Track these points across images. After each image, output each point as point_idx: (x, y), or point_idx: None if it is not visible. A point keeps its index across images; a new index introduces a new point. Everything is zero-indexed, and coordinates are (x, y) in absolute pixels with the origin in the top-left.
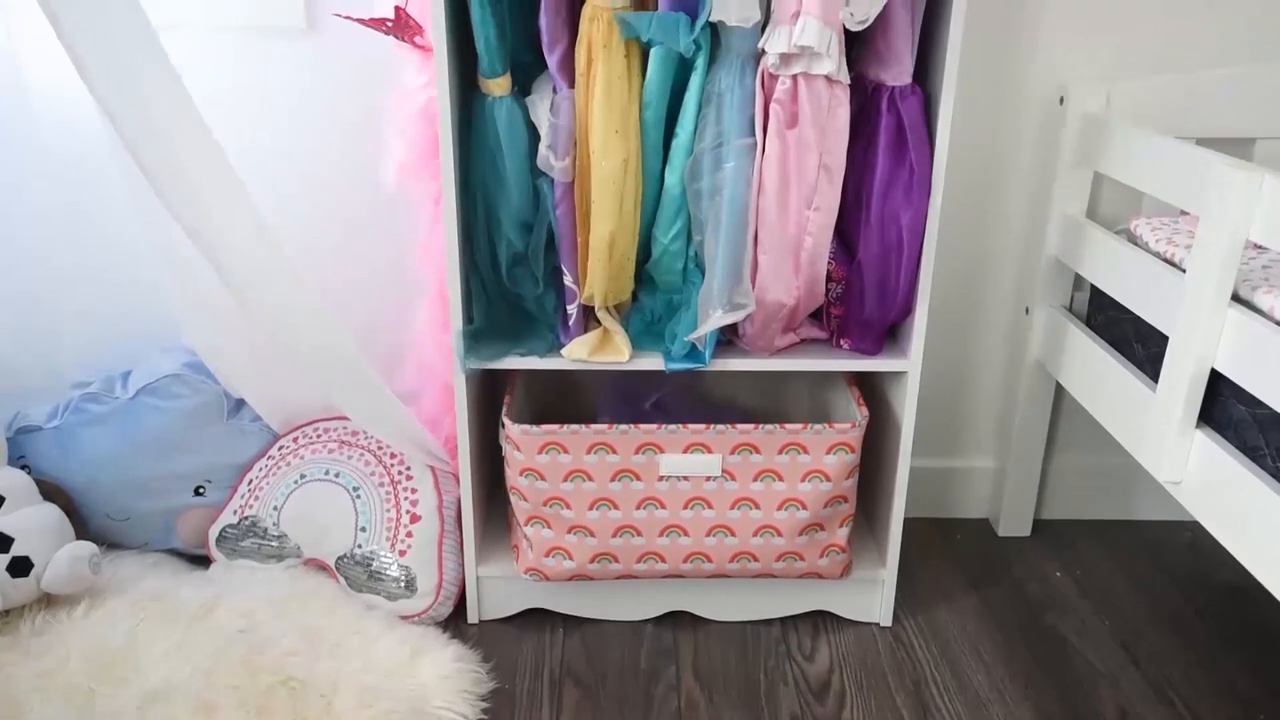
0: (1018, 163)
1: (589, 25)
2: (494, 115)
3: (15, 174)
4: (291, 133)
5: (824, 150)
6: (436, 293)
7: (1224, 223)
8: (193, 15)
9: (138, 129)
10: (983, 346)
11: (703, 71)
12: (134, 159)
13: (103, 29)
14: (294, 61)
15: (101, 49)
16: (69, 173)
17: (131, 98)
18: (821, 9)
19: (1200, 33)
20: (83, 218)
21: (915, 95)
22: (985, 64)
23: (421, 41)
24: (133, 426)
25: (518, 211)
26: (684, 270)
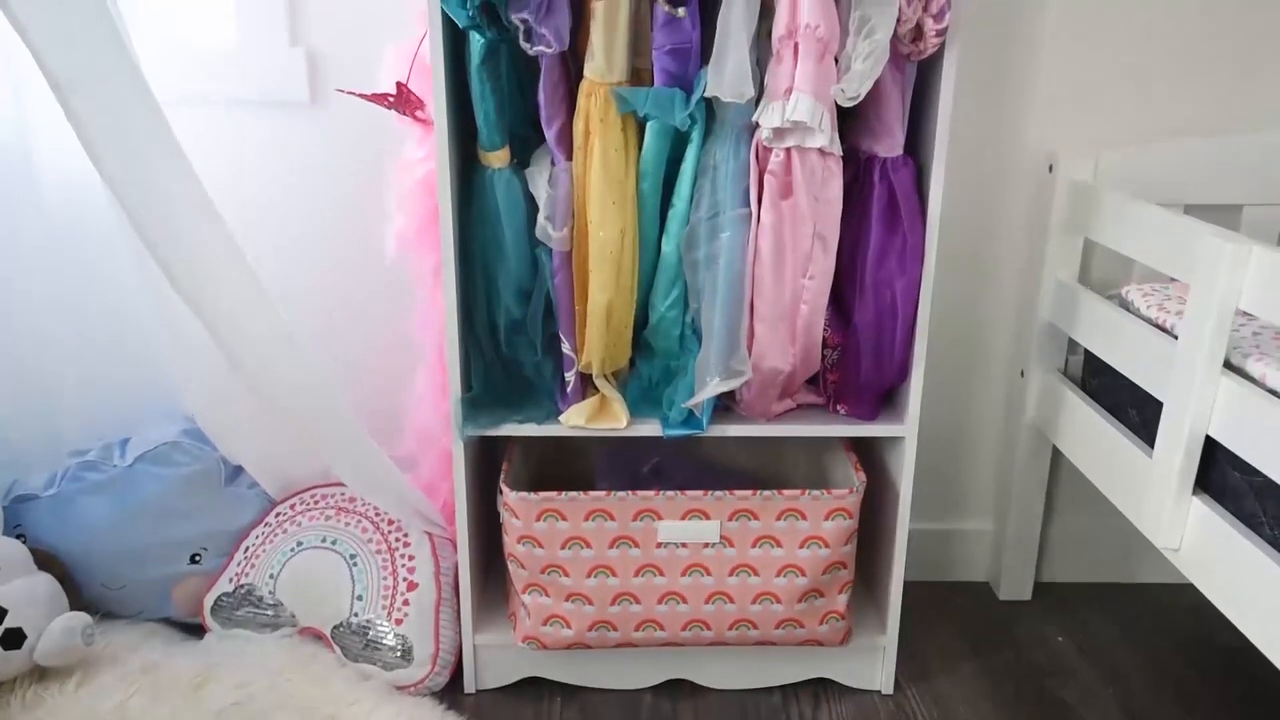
0: (1009, 229)
1: (586, 100)
2: (493, 187)
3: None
4: (293, 202)
5: (818, 220)
6: (435, 360)
7: (1213, 292)
8: (198, 90)
9: (142, 202)
10: (979, 409)
11: (698, 143)
12: (137, 231)
13: (110, 106)
14: (297, 134)
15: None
16: (72, 242)
17: (137, 172)
18: (814, 85)
19: (1187, 102)
20: (83, 286)
21: (907, 166)
22: (975, 133)
23: (423, 115)
24: (130, 494)
25: (516, 280)
26: (681, 337)
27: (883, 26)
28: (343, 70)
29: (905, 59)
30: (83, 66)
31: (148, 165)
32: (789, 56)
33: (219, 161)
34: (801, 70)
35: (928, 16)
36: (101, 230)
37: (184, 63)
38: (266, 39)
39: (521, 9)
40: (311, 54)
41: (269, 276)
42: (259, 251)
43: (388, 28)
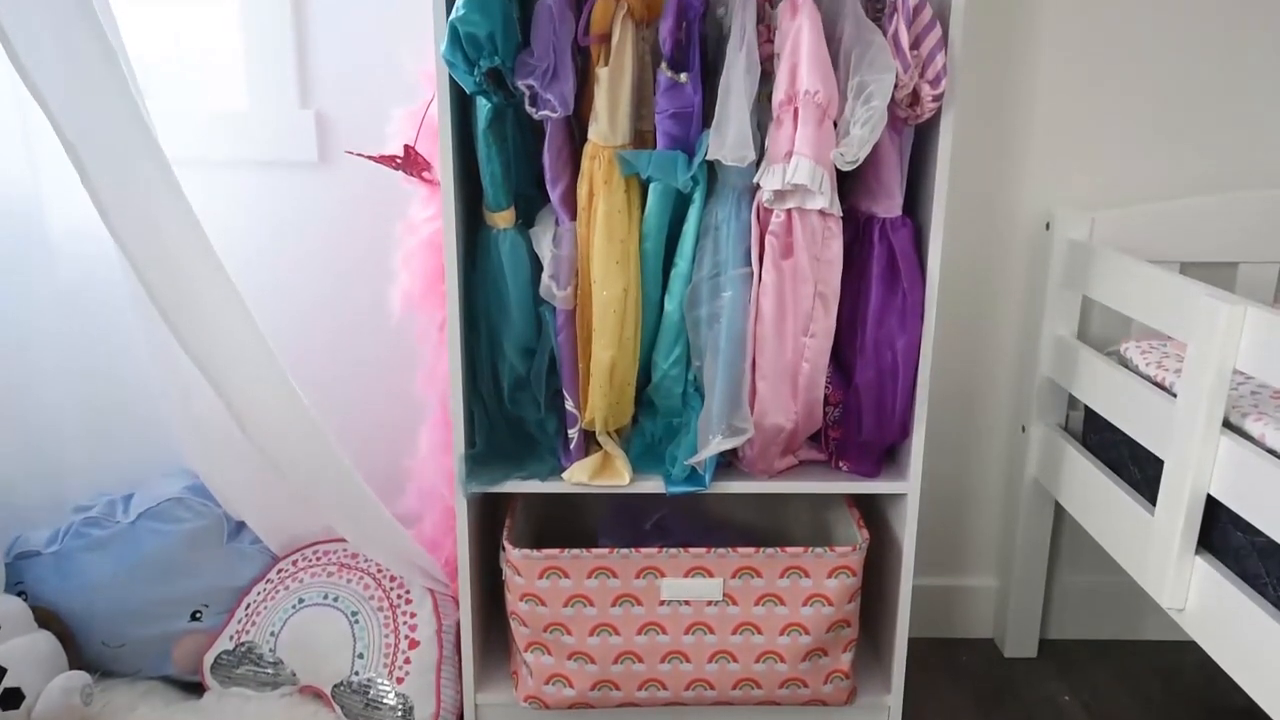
0: (1008, 285)
1: (590, 162)
2: (498, 247)
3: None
4: (301, 261)
5: (819, 280)
6: (439, 416)
7: (1211, 352)
8: (209, 151)
9: (151, 262)
10: (981, 465)
11: (700, 204)
12: (146, 290)
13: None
14: (305, 193)
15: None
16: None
17: (146, 232)
18: (813, 149)
19: (1182, 161)
20: (90, 343)
21: (906, 226)
22: (973, 191)
23: (429, 176)
24: (133, 551)
25: (520, 338)
26: (684, 394)
27: (880, 93)
28: (351, 131)
29: (903, 122)
30: (96, 129)
31: (157, 225)
32: (789, 121)
33: (228, 220)
34: (801, 134)
35: (924, 82)
36: (110, 288)
37: (196, 124)
38: (277, 101)
39: (528, 75)
40: (321, 115)
41: (275, 334)
42: (266, 309)
43: (396, 90)
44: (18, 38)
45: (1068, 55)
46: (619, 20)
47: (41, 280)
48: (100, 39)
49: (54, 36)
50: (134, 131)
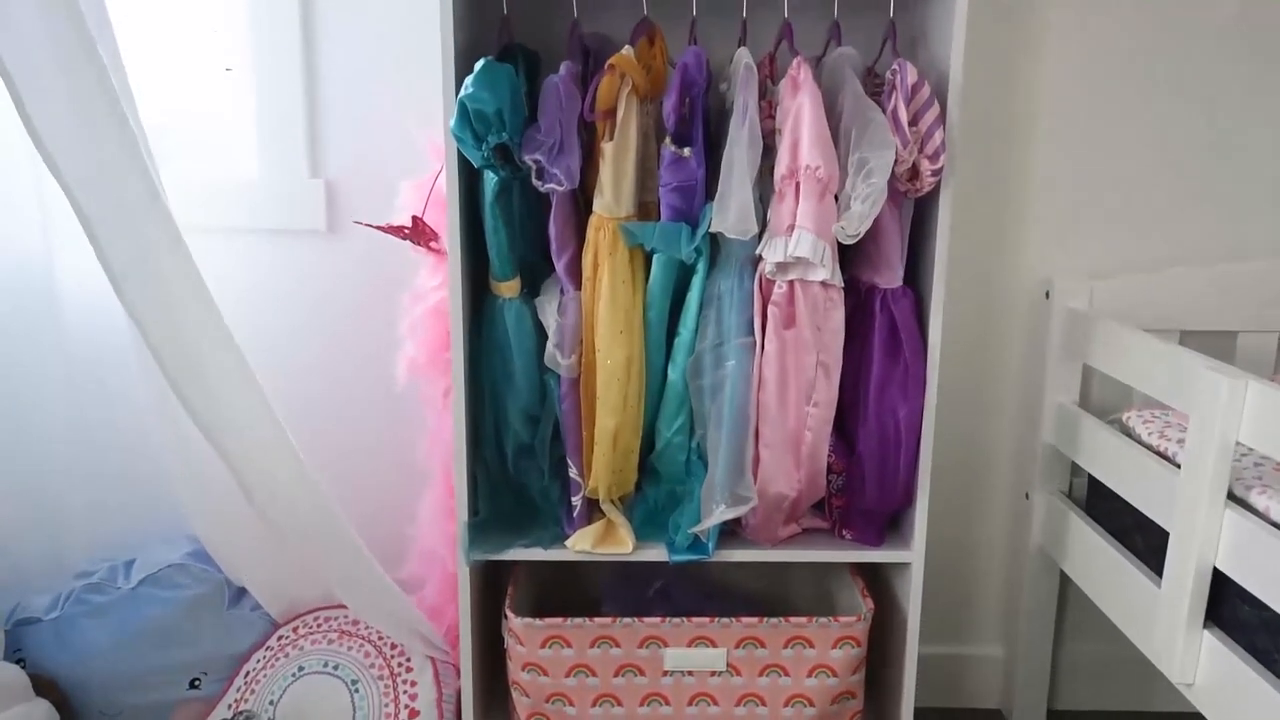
0: (1009, 353)
1: (595, 234)
2: (504, 315)
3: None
4: (307, 328)
5: (821, 349)
6: (443, 483)
7: (1213, 425)
8: (219, 219)
9: (160, 330)
10: (985, 533)
11: (703, 274)
12: (154, 357)
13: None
14: (313, 261)
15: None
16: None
17: (156, 301)
18: (815, 223)
19: (1180, 231)
20: (96, 407)
21: (907, 297)
22: (973, 261)
23: (437, 246)
24: (133, 617)
25: (525, 405)
26: (687, 462)
27: (880, 169)
28: (360, 200)
29: (903, 195)
30: (112, 205)
31: (169, 297)
32: (791, 194)
33: (237, 288)
34: (803, 208)
35: (924, 158)
36: (118, 353)
37: (207, 192)
38: (287, 170)
39: (534, 150)
40: (330, 185)
41: (281, 400)
42: (272, 375)
43: (405, 161)
44: (39, 117)
45: (1065, 126)
46: (624, 96)
47: (50, 344)
48: (118, 117)
49: (74, 115)
50: (149, 206)
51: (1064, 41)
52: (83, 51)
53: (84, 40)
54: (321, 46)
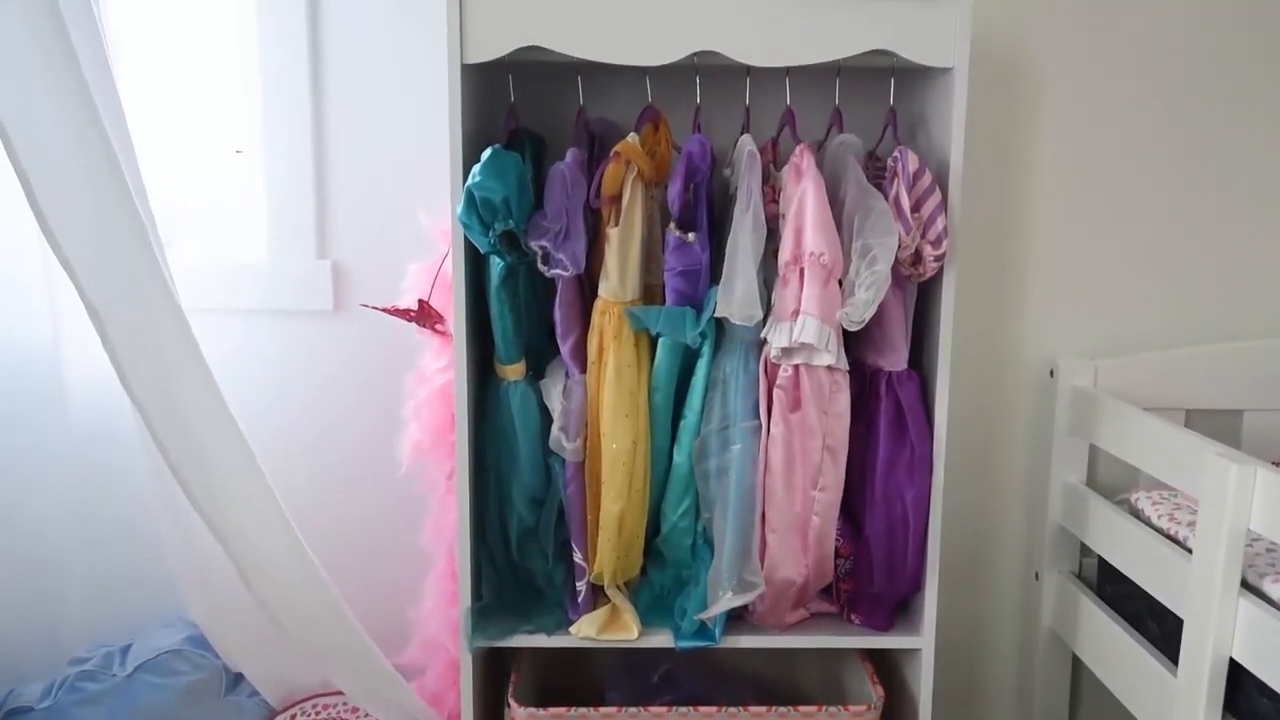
0: (1015, 432)
1: (601, 317)
2: (509, 398)
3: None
4: (312, 407)
5: (827, 433)
6: (446, 567)
7: (1223, 512)
8: (227, 300)
9: (164, 418)
10: (995, 615)
11: (709, 357)
12: (158, 445)
13: (142, 326)
14: (319, 341)
15: (139, 343)
16: (91, 446)
17: (162, 389)
18: (820, 309)
19: (1184, 310)
20: (98, 491)
21: (912, 380)
22: (977, 340)
23: (442, 328)
24: (128, 706)
25: (529, 489)
26: (693, 546)
27: (884, 256)
28: (367, 281)
29: (906, 279)
30: (120, 297)
31: (173, 385)
32: (795, 280)
33: (242, 367)
34: (808, 294)
35: (926, 243)
36: (121, 437)
37: (216, 274)
38: (295, 251)
39: (540, 236)
40: (337, 266)
41: (283, 481)
42: (275, 456)
43: (412, 243)
44: (51, 210)
45: (1066, 206)
46: (629, 182)
47: (53, 426)
48: (129, 209)
49: (85, 204)
50: (157, 297)
51: (1063, 123)
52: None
53: (100, 134)
54: (331, 129)
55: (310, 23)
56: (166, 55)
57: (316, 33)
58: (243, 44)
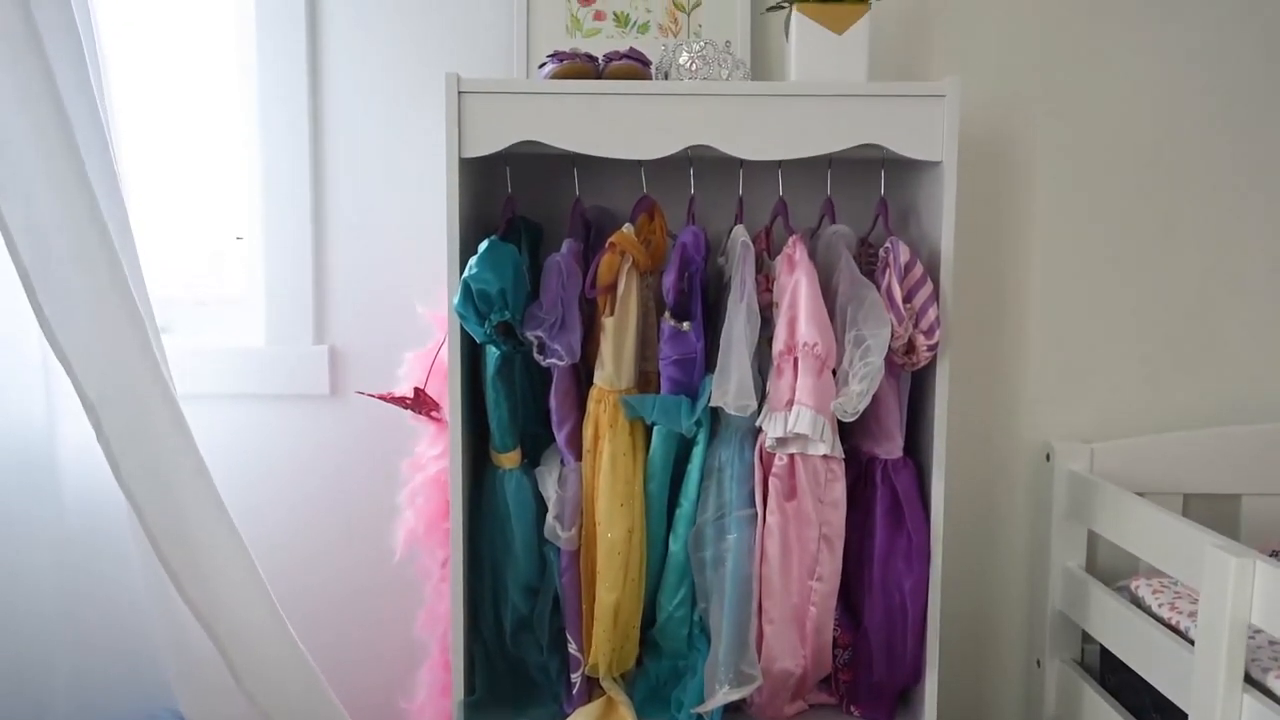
0: (1013, 517)
1: (596, 406)
2: (504, 486)
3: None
4: (306, 491)
5: (823, 522)
6: (439, 657)
7: (1224, 605)
8: (224, 386)
9: (157, 511)
10: (997, 702)
11: (704, 445)
12: (149, 537)
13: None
14: (314, 426)
15: (134, 438)
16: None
17: (156, 485)
18: (814, 399)
19: (1179, 394)
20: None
21: (908, 467)
22: (972, 424)
23: (438, 415)
24: None
25: (524, 578)
26: (689, 636)
27: (877, 348)
28: (363, 365)
29: (900, 368)
30: (115, 386)
31: (167, 478)
32: (789, 370)
33: (237, 451)
34: (802, 384)
35: (919, 333)
36: (112, 524)
37: (214, 358)
38: (293, 336)
39: (536, 327)
40: (334, 351)
41: (275, 568)
42: (268, 543)
43: (408, 329)
44: (51, 306)
45: (1057, 290)
46: (624, 272)
47: (44, 513)
48: (128, 302)
49: (87, 302)
50: (153, 391)
51: (1053, 209)
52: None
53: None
54: (331, 216)
55: (312, 111)
56: (169, 141)
57: (318, 121)
58: (246, 130)
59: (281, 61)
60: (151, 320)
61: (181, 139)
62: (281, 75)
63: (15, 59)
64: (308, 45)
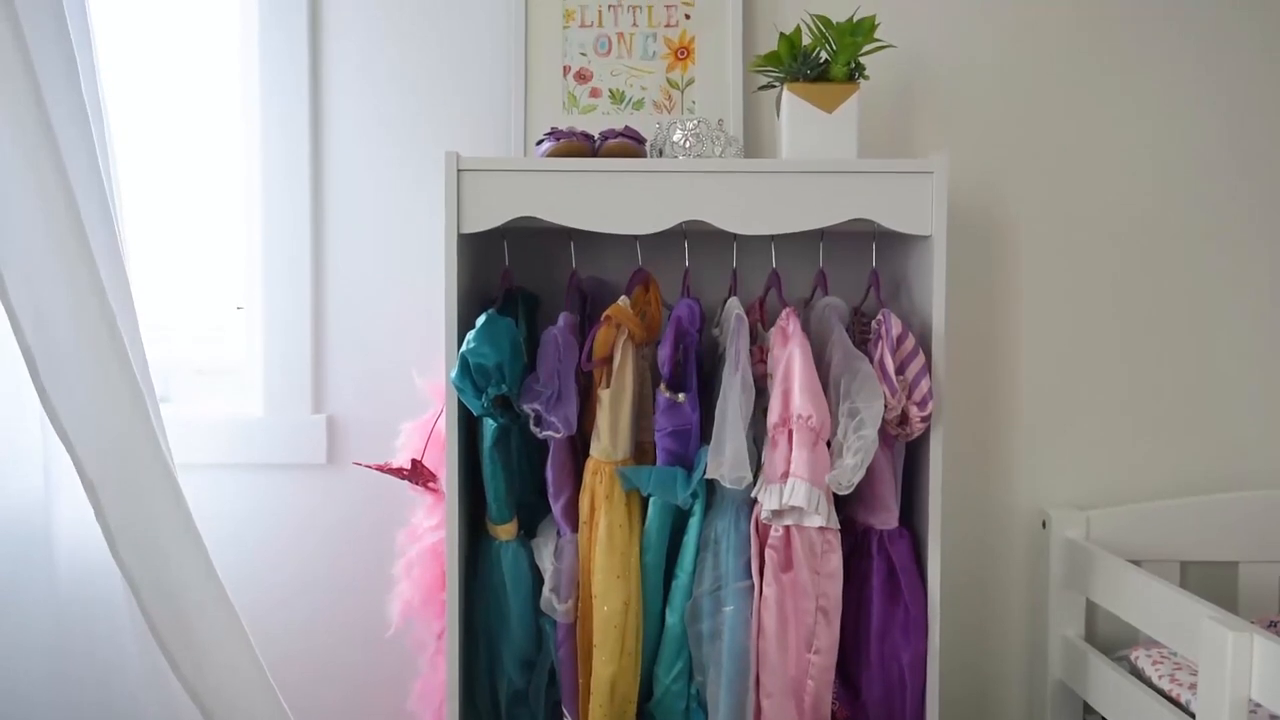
0: (1011, 586)
1: (592, 477)
2: (500, 558)
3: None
4: (302, 561)
5: (820, 594)
6: None
7: (1222, 681)
8: (221, 455)
9: (154, 591)
10: None
11: (700, 517)
12: (145, 617)
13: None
14: (311, 495)
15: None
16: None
17: (154, 563)
18: (809, 471)
19: (1175, 460)
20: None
21: (904, 538)
22: (968, 492)
23: (435, 486)
24: None
25: (520, 650)
26: (687, 710)
27: (870, 421)
28: (361, 435)
29: (894, 438)
30: (115, 464)
31: (164, 556)
32: (784, 442)
33: (233, 521)
34: (797, 456)
35: (912, 404)
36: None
37: (213, 428)
38: (291, 406)
39: (533, 400)
40: (332, 420)
41: (269, 637)
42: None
43: (406, 399)
44: (54, 388)
45: (1050, 358)
46: (620, 344)
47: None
48: (129, 379)
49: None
50: (152, 468)
51: (1043, 278)
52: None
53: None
54: (331, 287)
55: (314, 183)
56: (173, 211)
57: (319, 193)
58: (248, 201)
59: (285, 134)
60: (152, 395)
61: (185, 209)
62: (284, 147)
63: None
64: (310, 119)
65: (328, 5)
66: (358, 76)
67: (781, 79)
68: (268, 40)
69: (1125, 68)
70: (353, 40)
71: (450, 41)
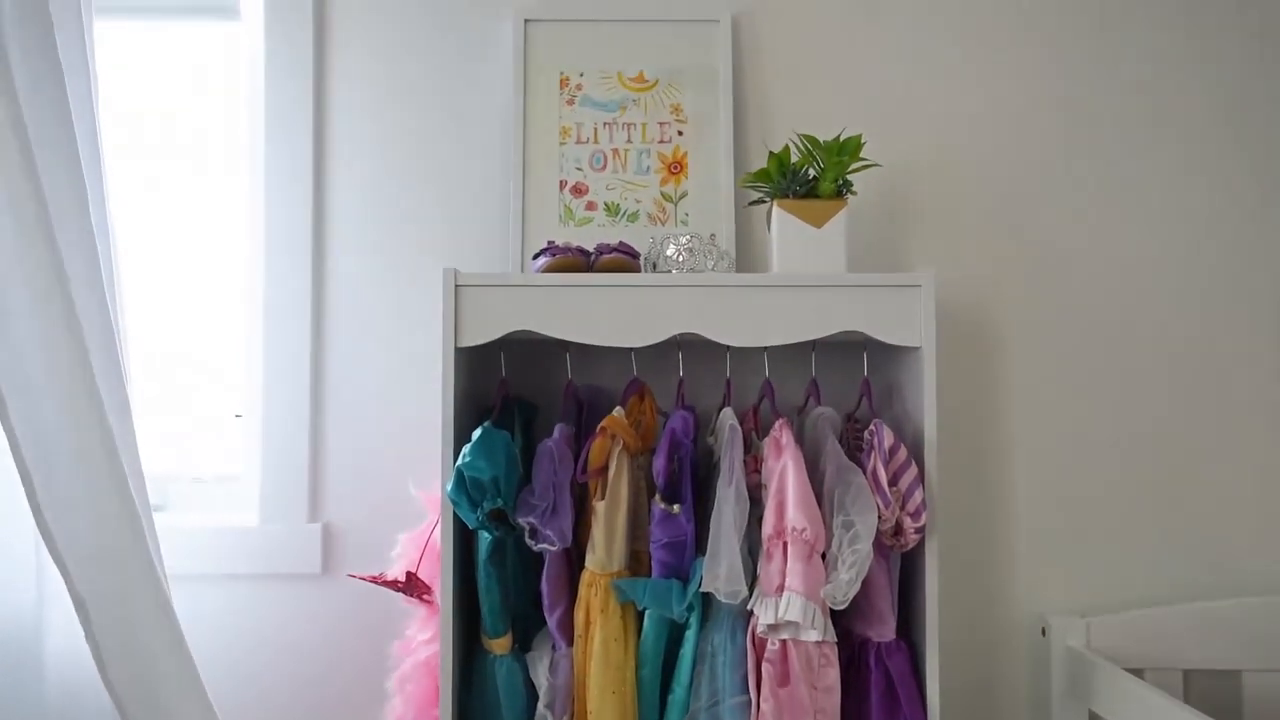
0: (1012, 695)
1: (588, 590)
2: (494, 672)
3: None
4: (294, 674)
5: (818, 709)
6: None
7: None
8: (215, 565)
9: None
10: None
11: (696, 629)
12: None
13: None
14: (305, 605)
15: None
16: None
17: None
18: (804, 585)
19: (1176, 566)
20: None
21: (901, 650)
22: (965, 601)
23: (429, 599)
24: None
25: None
26: None
27: (865, 534)
28: (356, 545)
29: (889, 549)
30: (107, 584)
31: (152, 673)
32: (779, 554)
33: (226, 631)
34: (791, 570)
35: (906, 515)
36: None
37: (207, 539)
38: (287, 515)
39: (529, 514)
40: (328, 529)
41: None
42: None
43: (402, 508)
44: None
45: (1046, 464)
46: (615, 455)
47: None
48: (125, 497)
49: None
50: (144, 587)
51: (1036, 385)
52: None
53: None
54: (329, 397)
55: (314, 294)
56: (173, 319)
57: (320, 304)
58: (249, 311)
59: (287, 245)
60: (147, 511)
61: (186, 319)
62: (286, 259)
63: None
64: (312, 231)
65: (331, 118)
66: (360, 192)
67: (771, 195)
68: (273, 151)
69: (1113, 175)
70: (356, 156)
71: (451, 156)
